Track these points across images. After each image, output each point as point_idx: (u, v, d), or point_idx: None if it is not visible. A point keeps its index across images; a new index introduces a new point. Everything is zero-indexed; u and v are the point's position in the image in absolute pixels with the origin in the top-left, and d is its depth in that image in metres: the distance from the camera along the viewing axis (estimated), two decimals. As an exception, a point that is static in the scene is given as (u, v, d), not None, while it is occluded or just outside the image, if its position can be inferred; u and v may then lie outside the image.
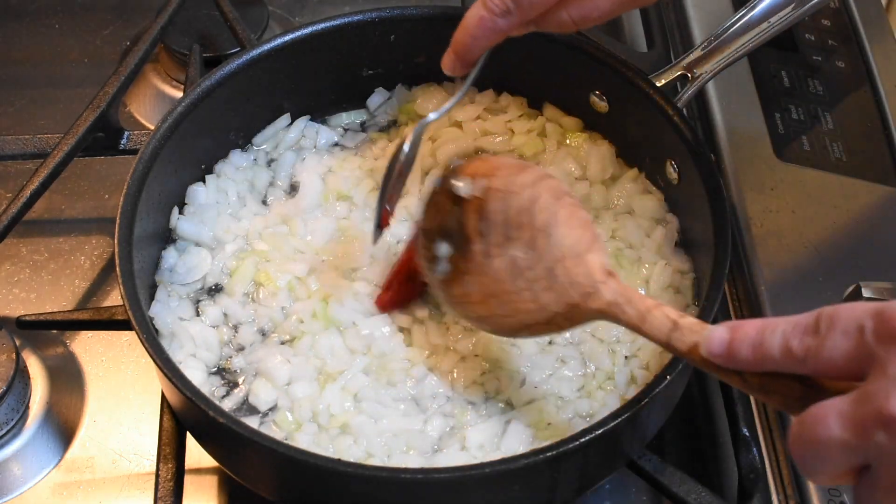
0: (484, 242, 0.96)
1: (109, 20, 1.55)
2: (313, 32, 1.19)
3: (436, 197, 1.01)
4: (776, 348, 0.76)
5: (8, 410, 1.10)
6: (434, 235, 1.00)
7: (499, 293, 0.96)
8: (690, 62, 1.14)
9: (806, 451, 0.72)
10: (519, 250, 0.94)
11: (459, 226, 0.98)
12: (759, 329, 0.77)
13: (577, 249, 0.93)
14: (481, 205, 0.97)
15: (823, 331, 0.73)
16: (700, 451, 1.13)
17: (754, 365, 0.78)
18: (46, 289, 1.25)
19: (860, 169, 1.27)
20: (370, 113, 1.27)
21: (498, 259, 0.95)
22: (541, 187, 0.96)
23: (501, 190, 0.96)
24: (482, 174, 0.98)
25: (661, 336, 0.86)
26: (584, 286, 0.91)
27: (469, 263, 0.97)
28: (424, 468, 0.95)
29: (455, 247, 0.98)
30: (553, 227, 0.94)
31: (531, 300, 0.94)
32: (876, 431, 0.68)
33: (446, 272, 0.99)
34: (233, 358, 1.07)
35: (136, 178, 1.06)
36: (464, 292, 0.98)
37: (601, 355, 1.05)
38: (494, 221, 0.96)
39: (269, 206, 1.19)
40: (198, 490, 1.09)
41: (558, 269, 0.93)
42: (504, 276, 0.95)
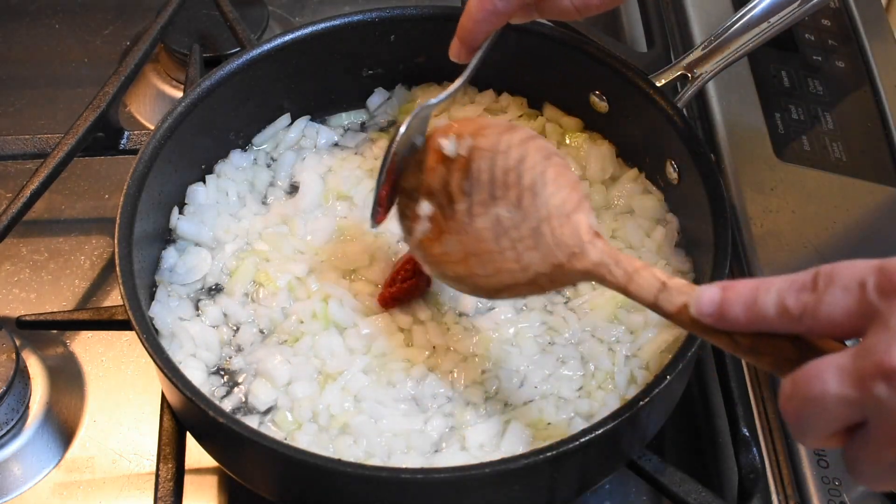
0: (468, 201, 0.95)
1: (109, 20, 1.55)
2: (313, 32, 1.19)
3: (419, 156, 1.00)
4: (771, 306, 0.74)
5: (8, 410, 1.10)
6: (416, 194, 0.99)
7: (480, 252, 0.95)
8: (690, 62, 1.14)
9: (801, 409, 0.71)
10: (504, 209, 0.93)
11: (443, 185, 0.97)
12: (753, 288, 0.75)
13: (565, 209, 0.92)
14: (466, 164, 0.96)
15: (822, 287, 0.71)
16: (700, 451, 1.13)
17: (747, 325, 0.76)
18: (46, 289, 1.25)
19: (860, 169, 1.27)
20: (370, 113, 1.27)
21: (481, 218, 0.94)
22: (529, 146, 0.95)
23: (488, 149, 0.95)
24: (468, 133, 0.97)
25: (648, 297, 0.84)
26: (570, 246, 0.90)
27: (451, 222, 0.96)
28: (424, 468, 0.95)
29: (437, 205, 0.98)
30: (541, 186, 0.93)
31: (514, 260, 0.93)
32: (876, 384, 0.67)
33: (427, 231, 0.98)
34: (232, 358, 1.07)
35: (136, 178, 1.06)
36: (444, 251, 0.97)
37: (601, 355, 1.05)
38: (479, 180, 0.95)
39: (269, 206, 1.19)
40: (198, 490, 1.09)
41: (544, 229, 0.91)
42: (487, 236, 0.94)
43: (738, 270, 1.19)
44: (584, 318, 1.08)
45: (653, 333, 1.06)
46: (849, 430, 0.71)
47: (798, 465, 1.04)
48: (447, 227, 0.97)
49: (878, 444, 0.69)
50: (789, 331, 0.74)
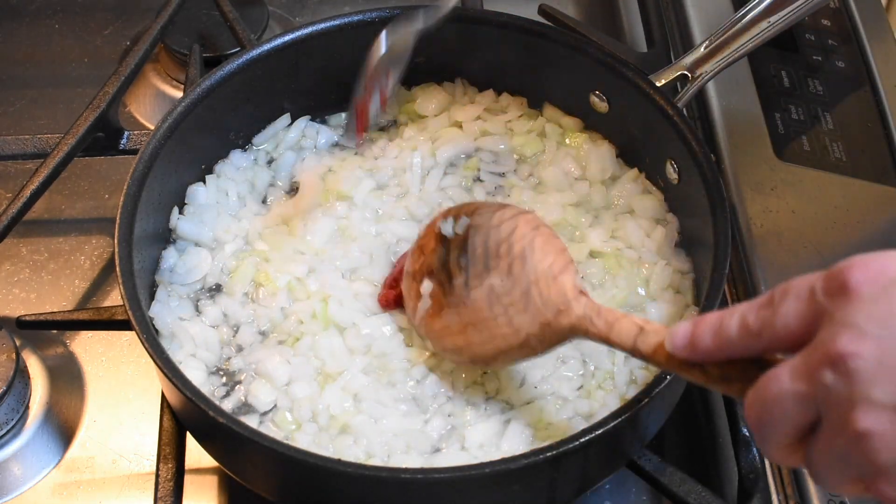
0: (465, 275, 1.01)
1: (109, 20, 1.55)
2: (313, 32, 1.19)
3: (421, 241, 1.07)
4: (734, 328, 0.77)
5: (8, 410, 1.10)
6: (419, 276, 1.05)
7: (476, 321, 1.00)
8: (690, 62, 1.14)
9: (761, 412, 0.73)
10: (497, 278, 0.99)
11: (442, 263, 1.03)
12: (719, 315, 0.79)
13: (552, 272, 0.96)
14: (463, 240, 1.02)
15: (777, 300, 0.75)
16: (700, 451, 1.13)
17: (715, 351, 0.79)
18: (46, 289, 1.25)
19: (860, 169, 1.27)
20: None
21: (477, 290, 1.00)
22: (519, 220, 1.01)
23: (482, 225, 1.02)
24: (465, 213, 1.04)
25: (627, 342, 0.88)
26: (556, 304, 0.95)
27: (450, 297, 1.02)
28: (424, 468, 0.95)
29: (437, 283, 1.03)
30: (529, 252, 0.98)
31: (506, 324, 0.98)
32: (823, 373, 0.69)
33: (428, 308, 1.04)
34: (232, 358, 1.07)
35: (136, 178, 1.06)
36: (444, 325, 1.02)
37: (601, 355, 1.05)
38: (475, 254, 1.01)
39: (269, 206, 1.19)
40: (198, 490, 1.09)
41: (533, 291, 0.96)
42: (482, 305, 1.00)
43: (738, 270, 1.19)
44: (584, 318, 1.08)
45: (653, 333, 1.06)
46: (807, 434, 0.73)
47: (798, 465, 1.04)
48: (446, 301, 1.03)
49: (830, 435, 0.71)
50: (753, 349, 0.77)
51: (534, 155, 1.22)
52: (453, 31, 1.22)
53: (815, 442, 0.72)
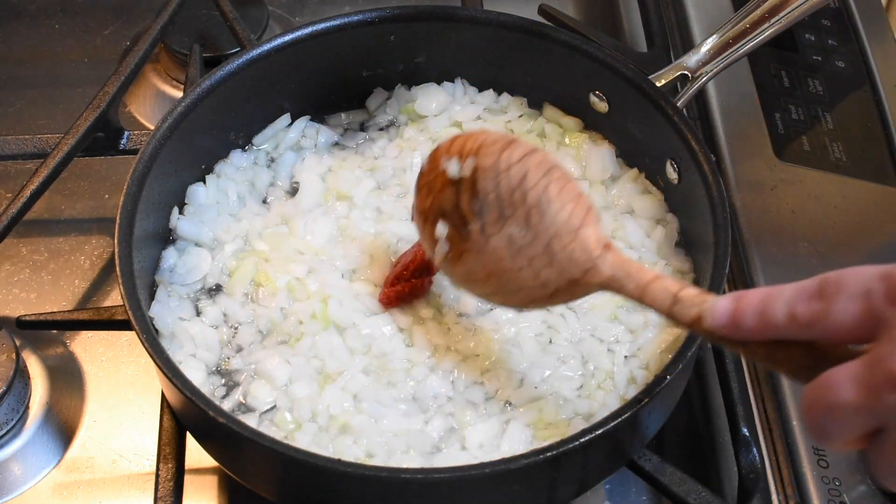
0: (480, 221, 0.96)
1: (109, 20, 1.55)
2: (313, 32, 1.19)
3: (427, 177, 1.01)
4: (781, 315, 0.75)
5: (8, 410, 1.10)
6: (431, 216, 1.00)
7: (500, 271, 0.95)
8: (690, 62, 1.14)
9: (820, 418, 0.73)
10: (515, 228, 0.94)
11: (454, 206, 0.98)
12: (763, 297, 0.77)
13: (572, 225, 0.92)
14: (473, 184, 0.96)
15: (829, 295, 0.73)
16: (700, 451, 1.13)
17: (758, 333, 0.77)
18: (46, 289, 1.25)
19: (860, 169, 1.27)
20: (370, 113, 1.27)
21: (495, 237, 0.95)
22: (529, 163, 0.95)
23: (490, 169, 0.95)
24: (468, 152, 0.97)
25: (663, 307, 0.86)
26: (582, 263, 0.91)
27: (468, 242, 0.97)
28: (424, 468, 0.95)
29: (452, 226, 0.98)
30: (545, 203, 0.93)
31: (532, 277, 0.94)
32: (887, 394, 0.69)
33: (446, 252, 0.99)
34: (232, 358, 1.07)
35: (136, 178, 1.06)
36: (467, 271, 0.98)
37: (601, 355, 1.05)
38: (487, 200, 0.95)
39: (269, 206, 1.19)
40: (198, 490, 1.09)
41: (555, 246, 0.92)
42: (503, 255, 0.95)
43: (737, 270, 1.19)
44: (584, 317, 1.08)
45: (653, 333, 1.06)
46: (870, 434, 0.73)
47: (798, 465, 1.04)
48: (465, 247, 0.98)
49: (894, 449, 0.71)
50: (801, 338, 0.76)
51: (534, 155, 1.22)
52: (453, 32, 1.22)
53: (881, 450, 0.72)
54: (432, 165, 1.00)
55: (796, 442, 1.06)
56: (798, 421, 1.07)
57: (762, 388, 1.11)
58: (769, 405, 1.10)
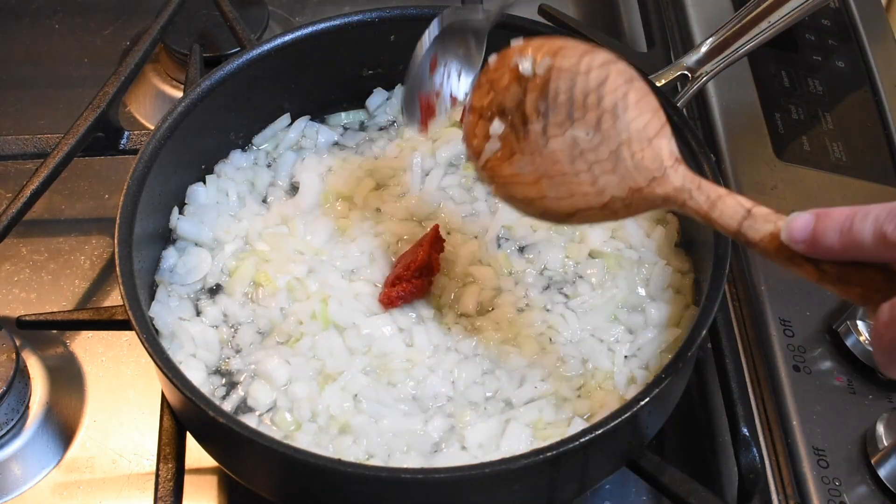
0: (543, 122, 0.93)
1: (109, 20, 1.55)
2: (313, 32, 1.19)
3: (491, 74, 0.98)
4: (868, 233, 0.72)
5: (8, 410, 1.10)
6: (488, 113, 0.98)
7: (554, 174, 0.93)
8: (690, 62, 1.14)
9: None
10: (581, 131, 0.92)
11: (517, 104, 0.95)
12: (849, 214, 0.74)
13: (647, 133, 0.90)
14: (543, 84, 0.94)
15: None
16: (700, 451, 1.13)
17: (841, 252, 0.74)
18: (46, 289, 1.25)
19: (860, 169, 1.27)
20: (370, 113, 1.27)
21: (557, 139, 0.93)
22: (611, 68, 0.92)
23: (567, 69, 0.93)
24: (547, 53, 0.95)
25: (731, 224, 0.84)
26: (651, 170, 0.89)
27: (523, 143, 0.94)
28: (424, 468, 0.95)
29: (510, 125, 0.96)
30: (622, 109, 0.91)
31: (589, 183, 0.91)
32: None
33: (496, 151, 0.97)
34: (232, 359, 1.07)
35: (136, 178, 1.06)
36: (514, 172, 0.95)
37: (601, 355, 1.05)
38: (557, 101, 0.93)
39: (269, 206, 1.19)
40: (198, 490, 1.09)
41: (624, 152, 0.90)
42: (562, 157, 0.92)
43: (738, 270, 1.19)
44: (584, 317, 1.08)
45: (653, 333, 1.06)
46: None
47: (798, 465, 1.04)
48: (519, 147, 0.95)
49: None
50: (886, 259, 0.73)
51: (534, 155, 1.22)
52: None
53: None
54: (501, 62, 0.97)
55: (796, 442, 1.06)
56: (798, 421, 1.07)
57: (762, 388, 1.11)
58: (769, 405, 1.10)
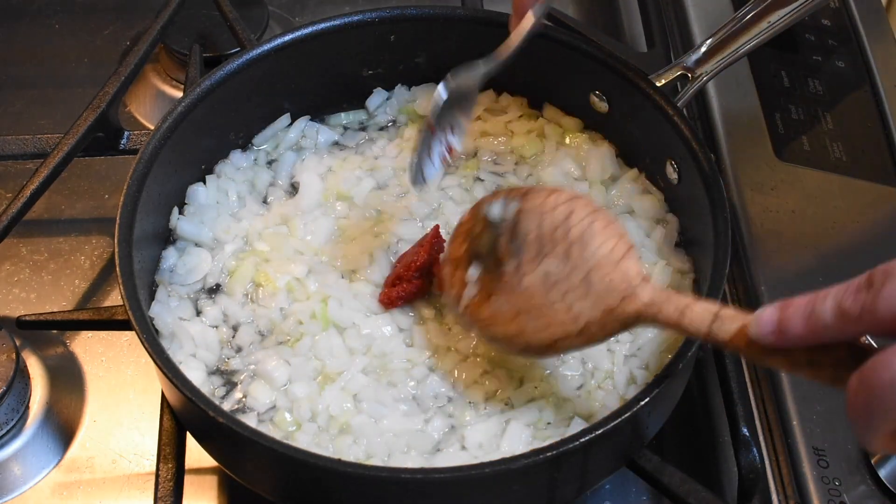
0: (516, 261, 0.98)
1: (109, 20, 1.55)
2: (313, 32, 1.19)
3: (465, 226, 1.04)
4: (829, 313, 0.74)
5: (8, 410, 1.10)
6: (463, 262, 1.02)
7: (530, 308, 0.97)
8: (690, 62, 1.14)
9: (870, 400, 0.71)
10: (553, 263, 0.96)
11: (491, 248, 1.00)
12: (810, 299, 0.76)
13: (614, 257, 0.94)
14: (514, 225, 0.99)
15: (879, 284, 0.72)
16: (700, 451, 1.13)
17: (805, 336, 0.76)
18: (46, 289, 1.25)
19: (860, 169, 1.27)
20: (370, 113, 1.27)
21: (530, 275, 0.97)
22: (575, 203, 0.98)
23: (535, 209, 0.98)
24: (514, 196, 1.00)
25: (702, 328, 0.86)
26: (620, 290, 0.92)
27: (499, 284, 0.99)
28: (424, 468, 0.95)
29: (484, 269, 1.00)
30: (589, 237, 0.95)
31: (564, 311, 0.95)
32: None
33: (474, 295, 1.01)
34: (232, 359, 1.07)
35: (136, 178, 1.06)
36: (493, 313, 0.99)
37: (600, 355, 1.05)
38: (528, 239, 0.98)
39: (269, 206, 1.19)
40: (198, 490, 1.09)
41: (594, 277, 0.94)
42: (536, 291, 0.97)
43: (738, 270, 1.19)
44: (584, 318, 1.08)
45: (653, 333, 1.06)
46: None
47: (798, 465, 1.04)
48: (496, 288, 0.99)
49: None
50: (849, 334, 0.75)
51: (534, 155, 1.22)
52: (453, 32, 1.22)
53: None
54: (473, 214, 1.04)
55: (796, 442, 1.06)
56: (798, 421, 1.07)
57: (762, 388, 1.11)
58: (769, 405, 1.10)
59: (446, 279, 1.04)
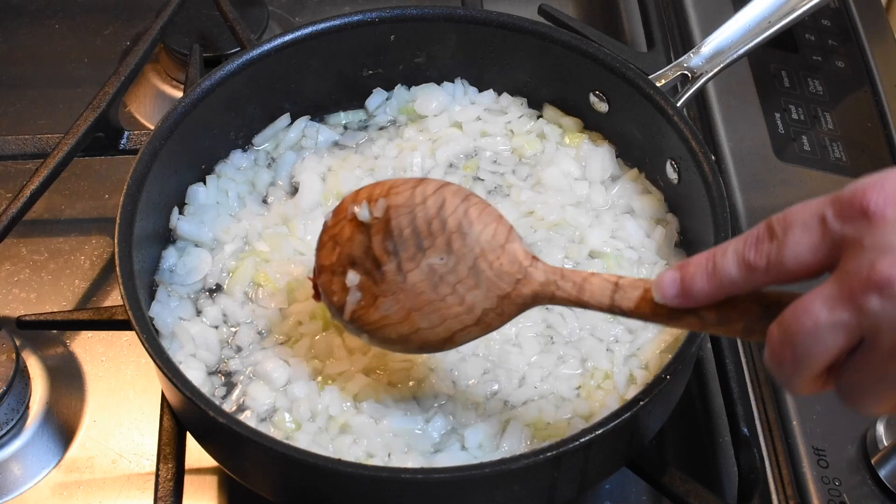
0: (395, 260, 0.95)
1: (109, 20, 1.55)
2: (313, 32, 1.19)
3: (331, 231, 1.00)
4: (732, 267, 0.74)
5: (8, 410, 1.10)
6: (339, 268, 0.98)
7: (421, 305, 0.94)
8: (690, 62, 1.14)
9: (794, 347, 0.71)
10: (435, 257, 0.93)
11: (365, 250, 0.96)
12: (708, 256, 0.76)
13: (497, 241, 0.92)
14: (385, 224, 0.95)
15: (780, 233, 0.72)
16: (700, 451, 1.13)
17: (711, 293, 0.76)
18: (46, 289, 1.25)
19: (860, 169, 1.27)
20: (370, 113, 1.27)
21: (414, 272, 0.94)
22: (444, 192, 0.94)
23: (404, 205, 0.95)
24: (378, 195, 0.96)
25: (603, 300, 0.85)
26: (512, 273, 0.90)
27: (383, 285, 0.96)
28: (424, 468, 0.95)
29: (364, 272, 0.97)
30: (467, 226, 0.92)
31: (457, 303, 0.93)
32: (868, 299, 0.67)
33: (359, 300, 0.97)
34: (231, 359, 1.07)
35: (136, 178, 1.06)
36: (382, 315, 0.96)
37: (600, 355, 1.05)
38: (403, 237, 0.94)
39: (269, 206, 1.19)
40: (198, 490, 1.09)
41: (482, 265, 0.91)
42: (424, 287, 0.94)
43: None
44: (584, 317, 1.08)
45: (652, 333, 1.06)
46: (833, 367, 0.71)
47: (798, 465, 1.04)
48: (380, 290, 0.96)
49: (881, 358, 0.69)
50: (756, 286, 0.74)
51: (533, 155, 1.22)
52: (453, 32, 1.22)
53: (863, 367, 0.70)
54: (337, 218, 0.99)
55: (796, 442, 1.06)
56: (798, 421, 1.07)
57: (762, 388, 1.11)
58: (769, 405, 1.10)
59: (324, 288, 1.00)
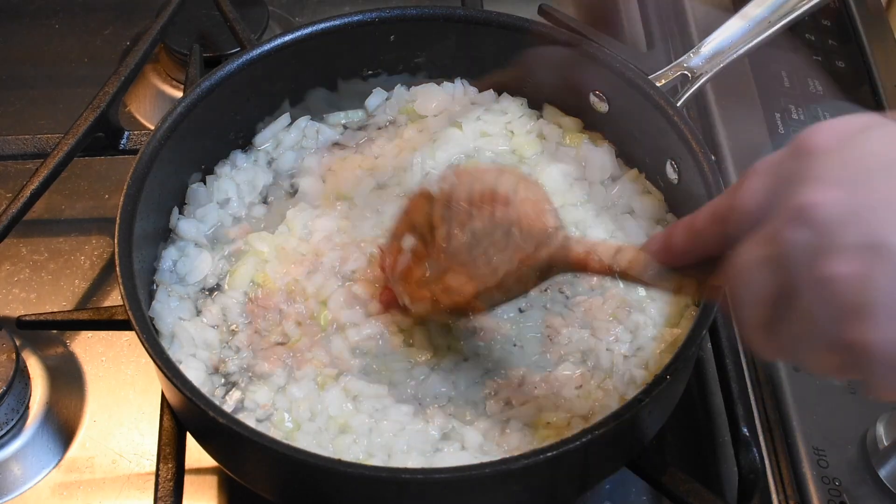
0: (447, 226, 1.00)
1: (109, 20, 1.55)
2: (313, 32, 1.19)
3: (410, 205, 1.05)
4: (703, 218, 0.78)
5: (8, 410, 1.10)
6: (402, 234, 1.05)
7: (454, 266, 1.00)
8: (690, 62, 1.14)
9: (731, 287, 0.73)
10: (479, 223, 0.99)
11: (426, 218, 1.02)
12: (692, 215, 0.80)
13: (535, 211, 0.97)
14: (447, 195, 1.01)
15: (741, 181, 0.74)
16: (700, 451, 1.13)
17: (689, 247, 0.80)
18: (46, 289, 1.25)
19: (860, 169, 1.26)
20: (370, 113, 1.27)
21: (458, 237, 1.00)
22: (503, 170, 1.01)
23: (466, 179, 1.01)
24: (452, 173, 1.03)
25: (606, 259, 0.91)
26: (536, 238, 0.95)
27: (431, 248, 1.02)
28: (424, 468, 0.95)
29: (420, 236, 1.03)
30: (513, 196, 0.98)
31: (484, 264, 0.98)
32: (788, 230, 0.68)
33: (408, 261, 1.03)
34: (231, 359, 1.07)
35: (136, 178, 1.06)
36: (421, 273, 1.02)
37: (600, 355, 1.05)
38: (459, 205, 1.00)
39: (269, 206, 1.19)
40: (198, 490, 1.09)
41: (514, 230, 0.97)
42: (462, 250, 0.99)
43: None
44: (584, 317, 1.08)
45: (653, 333, 1.06)
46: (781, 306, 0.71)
47: (798, 465, 1.04)
48: (427, 252, 1.02)
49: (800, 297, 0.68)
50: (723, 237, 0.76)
51: (533, 155, 1.22)
52: (453, 32, 1.22)
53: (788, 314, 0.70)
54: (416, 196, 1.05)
55: (796, 442, 1.06)
56: (798, 421, 1.07)
57: (762, 388, 1.11)
58: (769, 405, 1.10)
59: (385, 255, 1.07)
